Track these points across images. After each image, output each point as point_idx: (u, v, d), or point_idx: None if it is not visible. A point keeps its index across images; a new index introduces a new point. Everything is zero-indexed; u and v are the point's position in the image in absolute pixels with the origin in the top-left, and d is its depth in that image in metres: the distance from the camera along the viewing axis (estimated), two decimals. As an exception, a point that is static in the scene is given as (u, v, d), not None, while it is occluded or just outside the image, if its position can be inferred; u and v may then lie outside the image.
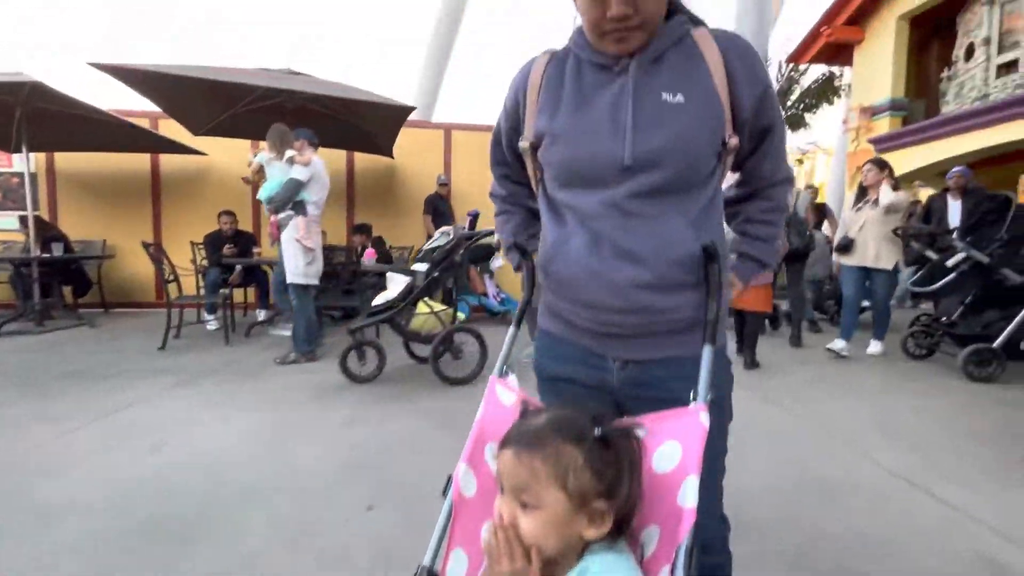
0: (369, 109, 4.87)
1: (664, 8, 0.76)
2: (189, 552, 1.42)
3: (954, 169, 4.62)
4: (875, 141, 8.23)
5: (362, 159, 6.18)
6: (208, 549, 1.43)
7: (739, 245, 0.90)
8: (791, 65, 10.18)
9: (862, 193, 4.09)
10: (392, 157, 5.88)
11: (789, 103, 11.11)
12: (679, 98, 0.74)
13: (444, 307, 3.41)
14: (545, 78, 0.83)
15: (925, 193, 9.29)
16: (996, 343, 3.15)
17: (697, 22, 0.81)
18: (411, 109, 4.93)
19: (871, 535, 1.56)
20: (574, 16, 0.79)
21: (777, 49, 10.29)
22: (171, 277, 4.23)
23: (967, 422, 2.57)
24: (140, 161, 5.90)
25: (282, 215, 3.46)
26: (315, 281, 3.61)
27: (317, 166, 3.55)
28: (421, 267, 3.06)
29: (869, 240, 3.81)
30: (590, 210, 0.77)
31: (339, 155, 6.07)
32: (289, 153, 3.46)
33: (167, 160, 5.94)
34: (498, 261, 5.34)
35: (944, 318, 3.66)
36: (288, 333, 3.82)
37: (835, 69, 10.14)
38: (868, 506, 1.75)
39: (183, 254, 5.15)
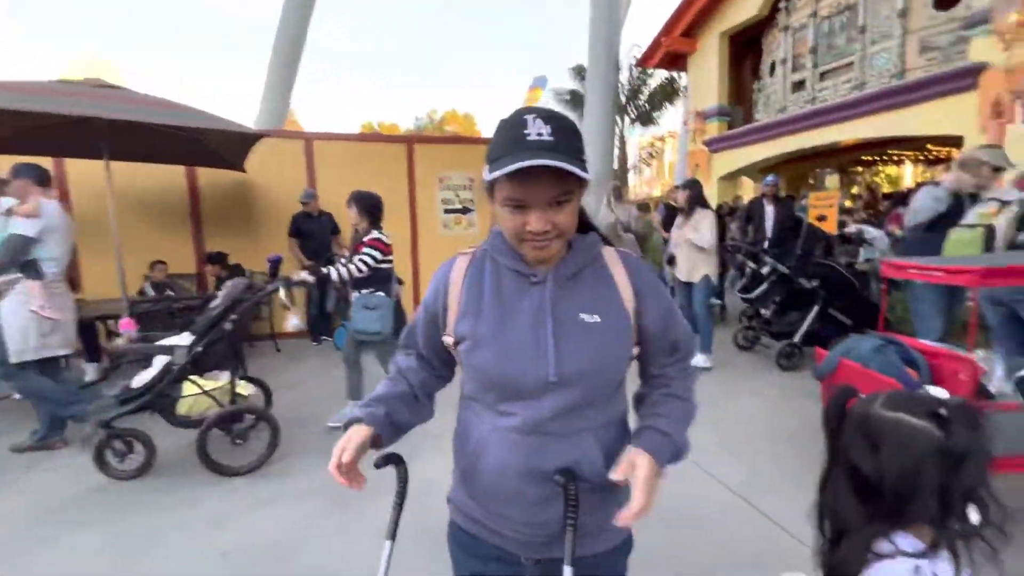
0: (208, 131, 4.28)
1: (577, 221, 0.80)
2: None
3: (767, 179, 5.50)
4: (708, 142, 9.46)
5: (208, 173, 5.43)
6: None
7: (650, 420, 0.83)
8: (639, 69, 11.15)
9: (672, 213, 4.44)
10: (243, 171, 5.26)
11: (639, 102, 12.23)
12: (595, 318, 0.80)
13: (219, 383, 2.78)
14: (466, 280, 0.86)
15: (749, 186, 10.97)
16: (796, 338, 3.93)
17: (605, 241, 0.89)
18: (258, 136, 4.44)
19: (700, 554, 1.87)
20: (492, 225, 0.85)
21: (625, 54, 11.14)
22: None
23: (784, 422, 3.11)
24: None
25: (2, 279, 2.70)
26: (62, 351, 2.90)
27: (50, 213, 2.77)
28: (183, 340, 2.55)
29: (683, 256, 4.01)
30: (511, 422, 0.81)
31: (177, 169, 5.27)
32: (6, 202, 2.72)
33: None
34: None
35: (762, 317, 4.41)
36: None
37: (676, 74, 11.36)
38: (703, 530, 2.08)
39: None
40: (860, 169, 15.28)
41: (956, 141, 5.85)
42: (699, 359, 3.93)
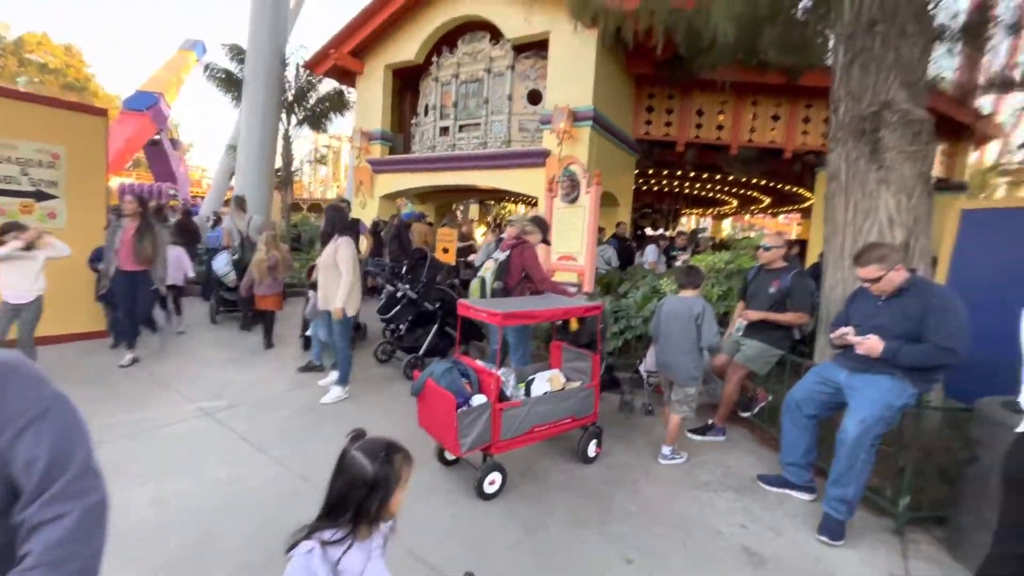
0: None
1: None
2: None
3: (404, 213, 6.34)
4: (371, 162, 10.06)
5: None
6: None
7: None
8: (307, 72, 10.82)
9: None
10: None
11: (308, 104, 11.85)
12: None
13: None
14: None
15: (411, 207, 12.19)
16: (421, 352, 4.72)
17: None
18: None
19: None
20: None
21: (292, 52, 10.64)
22: None
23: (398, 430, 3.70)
24: None
25: None
26: None
27: None
28: None
29: (322, 281, 3.90)
30: None
31: None
32: None
33: None
34: None
35: (397, 334, 5.07)
36: None
37: (345, 88, 11.55)
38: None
39: None
40: (492, 202, 19.26)
41: (533, 200, 8.26)
42: (335, 392, 3.99)
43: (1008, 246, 3.31)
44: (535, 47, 8.10)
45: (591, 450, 3.08)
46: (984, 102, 9.90)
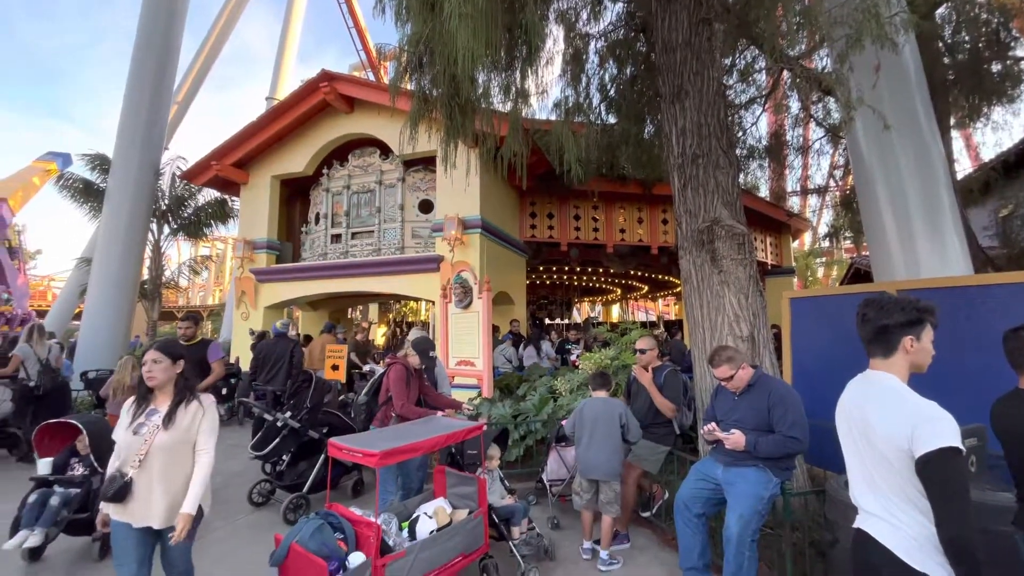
0: None
1: None
2: None
3: (276, 325, 5.95)
4: (255, 272, 9.52)
5: None
6: None
7: None
8: (184, 182, 10.35)
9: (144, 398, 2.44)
10: None
11: (185, 213, 11.19)
12: None
13: None
14: None
15: (299, 314, 11.53)
16: (304, 489, 4.19)
17: None
18: None
19: None
20: None
21: (168, 162, 10.21)
22: None
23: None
24: None
25: None
26: None
27: None
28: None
29: (154, 482, 2.21)
30: None
31: None
32: None
33: None
34: None
35: (276, 471, 4.49)
36: None
37: (229, 197, 11.16)
38: None
39: None
40: (392, 302, 18.95)
41: (432, 301, 8.28)
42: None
43: (827, 326, 3.94)
44: (424, 161, 8.62)
45: (490, 587, 2.84)
46: (792, 203, 12.33)
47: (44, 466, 3.42)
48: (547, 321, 16.58)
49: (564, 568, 3.31)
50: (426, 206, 8.78)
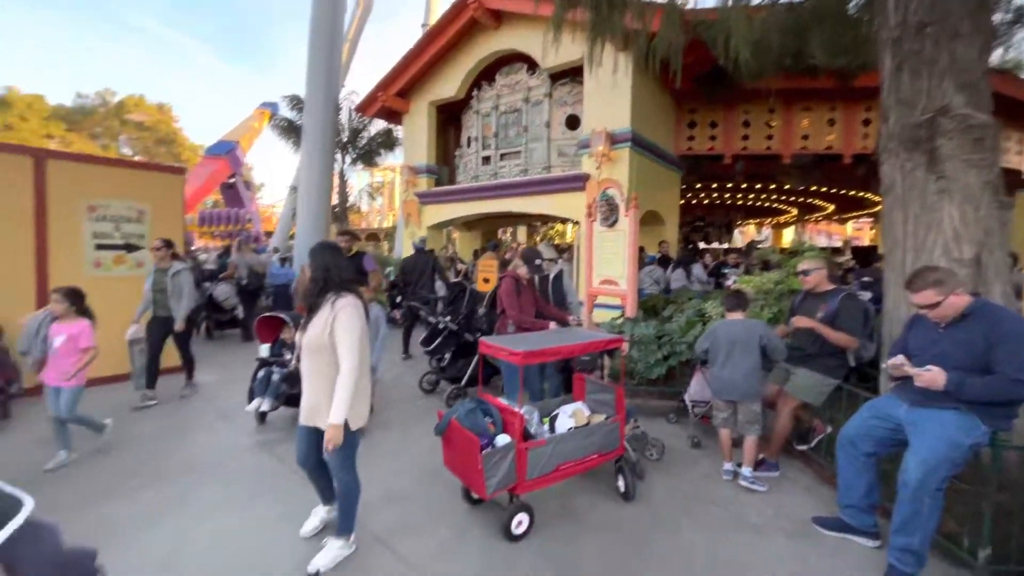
0: None
1: None
2: None
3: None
4: (419, 195, 10.50)
5: None
6: None
7: None
8: (359, 114, 11.57)
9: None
10: None
11: (360, 143, 12.64)
12: None
13: None
14: None
15: (458, 235, 12.55)
16: (462, 382, 4.80)
17: None
18: None
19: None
20: None
21: (345, 97, 11.44)
22: None
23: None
24: None
25: None
26: None
27: None
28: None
29: (304, 379, 2.36)
30: None
31: None
32: None
33: None
34: None
35: (440, 365, 5.19)
36: None
37: (393, 126, 12.23)
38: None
39: None
40: (539, 223, 19.37)
41: (577, 221, 8.24)
42: (334, 548, 2.40)
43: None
44: (571, 72, 8.20)
45: (621, 485, 3.00)
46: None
47: (264, 350, 4.41)
48: (701, 245, 15.33)
49: (705, 484, 3.30)
50: (573, 122, 8.47)
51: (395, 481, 3.27)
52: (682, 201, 10.63)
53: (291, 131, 12.10)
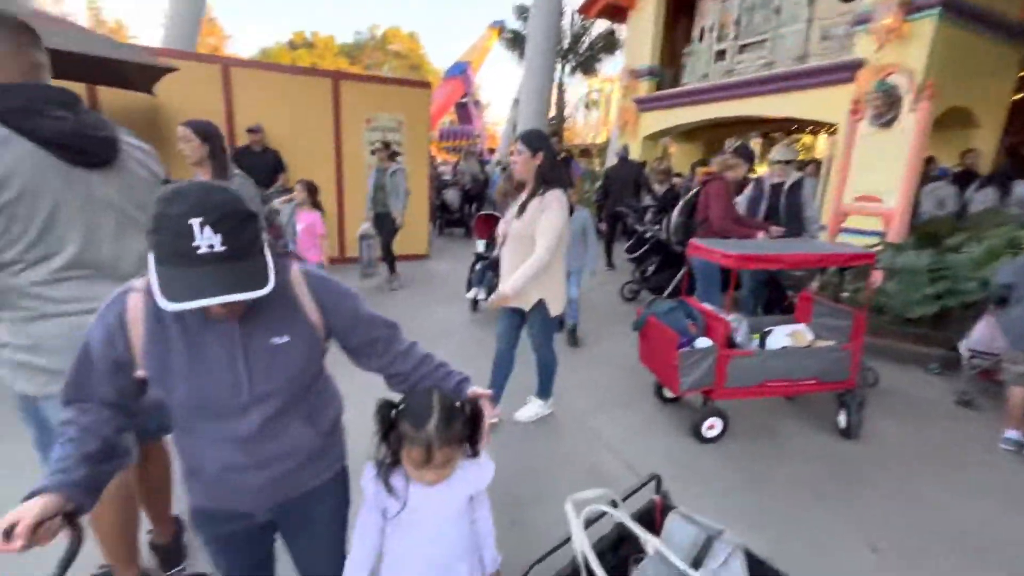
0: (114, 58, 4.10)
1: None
2: None
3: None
4: (637, 101, 9.85)
5: (112, 94, 5.11)
6: None
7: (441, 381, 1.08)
8: (582, 16, 11.12)
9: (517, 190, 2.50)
10: (152, 94, 5.03)
11: (581, 49, 12.28)
12: (285, 339, 0.90)
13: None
14: (145, 317, 0.85)
15: (675, 149, 11.60)
16: (666, 293, 4.66)
17: (287, 254, 1.06)
18: (167, 69, 4.34)
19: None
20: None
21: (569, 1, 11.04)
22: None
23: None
24: None
25: None
26: None
27: None
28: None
29: (509, 264, 2.42)
30: (220, 437, 0.91)
31: (75, 87, 4.95)
32: None
33: None
34: None
35: (644, 274, 5.11)
36: None
37: (616, 26, 11.43)
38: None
39: None
40: (778, 134, 16.32)
41: (834, 125, 6.64)
42: (535, 406, 2.77)
43: None
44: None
45: (842, 420, 2.61)
46: None
47: (480, 245, 4.91)
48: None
49: (967, 447, 2.65)
50: (849, -10, 6.54)
51: (592, 372, 3.52)
52: (1016, 96, 7.48)
53: (516, 43, 12.48)
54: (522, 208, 2.33)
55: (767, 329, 2.60)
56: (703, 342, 2.42)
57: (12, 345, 1.21)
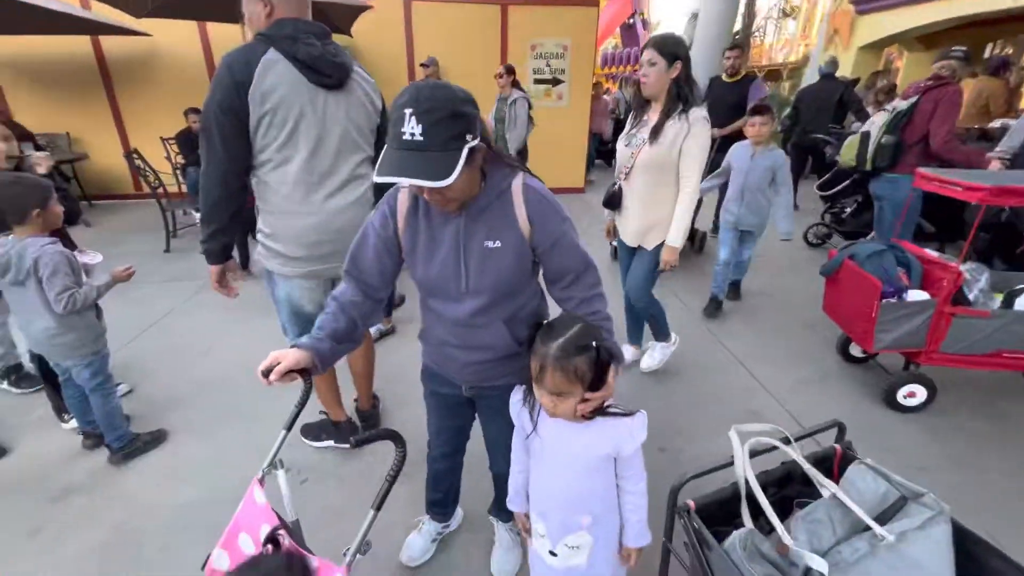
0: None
1: (475, 185, 0.97)
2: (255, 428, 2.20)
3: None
4: (855, 2, 7.90)
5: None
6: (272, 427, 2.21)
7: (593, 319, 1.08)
8: None
9: (641, 108, 2.13)
10: (350, 35, 5.63)
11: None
12: (497, 244, 1.02)
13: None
14: (408, 210, 1.06)
15: (901, 63, 9.19)
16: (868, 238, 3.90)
17: (515, 167, 1.05)
18: (364, 7, 4.74)
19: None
20: None
21: None
22: (156, 184, 4.51)
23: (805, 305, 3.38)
24: (79, 45, 5.61)
25: None
26: None
27: None
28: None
29: (636, 200, 2.13)
30: (443, 315, 1.11)
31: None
32: None
33: (110, 44, 5.66)
34: None
35: (837, 215, 4.31)
36: None
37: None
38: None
39: (152, 150, 5.27)
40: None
41: None
42: (658, 351, 2.53)
43: None
44: None
45: None
46: None
47: None
48: None
49: None
50: None
51: (759, 317, 3.23)
52: None
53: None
54: (655, 131, 1.96)
55: (1019, 287, 2.01)
56: (917, 294, 1.99)
57: (263, 232, 1.62)
